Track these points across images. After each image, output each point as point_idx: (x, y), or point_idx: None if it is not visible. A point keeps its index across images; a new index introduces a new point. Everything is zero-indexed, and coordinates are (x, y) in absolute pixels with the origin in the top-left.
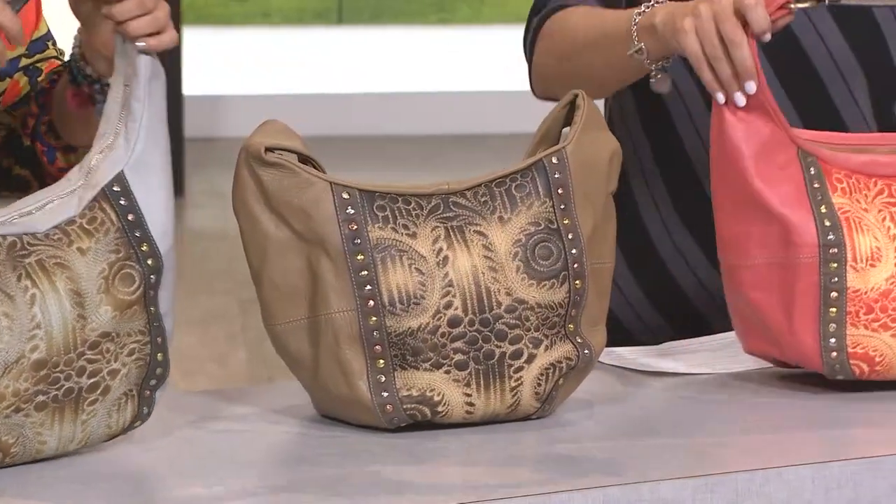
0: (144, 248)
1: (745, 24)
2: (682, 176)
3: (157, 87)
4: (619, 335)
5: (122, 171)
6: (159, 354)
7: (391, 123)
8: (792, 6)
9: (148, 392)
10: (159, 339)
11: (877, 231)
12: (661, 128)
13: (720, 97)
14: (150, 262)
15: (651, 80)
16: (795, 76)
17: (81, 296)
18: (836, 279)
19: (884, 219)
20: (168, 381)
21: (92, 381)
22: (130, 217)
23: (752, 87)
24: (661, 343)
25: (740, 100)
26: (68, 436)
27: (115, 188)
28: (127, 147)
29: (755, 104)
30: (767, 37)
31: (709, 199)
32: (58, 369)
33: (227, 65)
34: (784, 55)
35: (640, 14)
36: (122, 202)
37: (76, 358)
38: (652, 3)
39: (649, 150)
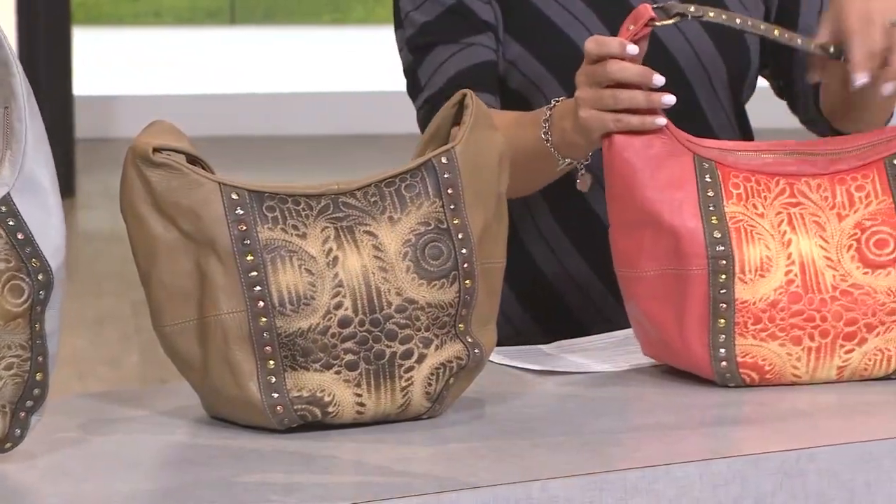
0: (35, 262)
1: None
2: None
3: (34, 105)
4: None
5: (8, 193)
6: (38, 374)
7: (284, 123)
8: (657, 23)
9: (23, 413)
10: (40, 358)
11: (769, 240)
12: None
13: (660, 122)
14: (40, 277)
15: (577, 181)
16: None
17: None
18: (725, 290)
19: (781, 222)
20: (45, 406)
21: None
22: (20, 236)
23: (670, 99)
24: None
25: (661, 121)
26: None
27: (2, 209)
28: (13, 169)
29: None
30: (634, 49)
31: (589, 208)
32: None
33: (118, 65)
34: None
35: (546, 132)
36: (10, 223)
37: None
38: (546, 116)
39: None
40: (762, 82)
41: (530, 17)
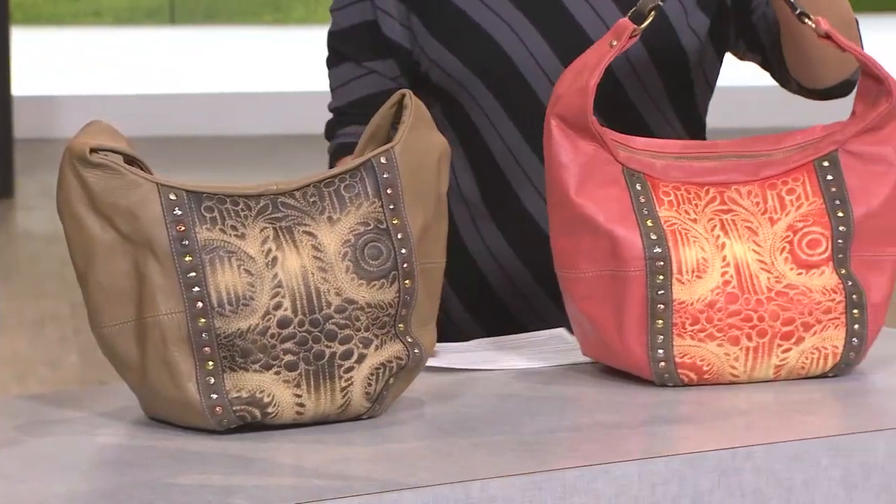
0: None
1: None
2: (497, 183)
3: None
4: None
5: None
6: None
7: (225, 124)
8: (640, 28)
9: None
10: None
11: (704, 242)
12: (482, 158)
13: None
14: None
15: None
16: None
17: None
18: (663, 292)
19: (713, 227)
20: None
21: None
22: None
23: None
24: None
25: None
26: None
27: None
28: None
29: (580, 125)
30: None
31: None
32: None
33: (58, 65)
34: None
35: None
36: None
37: None
38: None
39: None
40: (733, 82)
41: (456, 20)
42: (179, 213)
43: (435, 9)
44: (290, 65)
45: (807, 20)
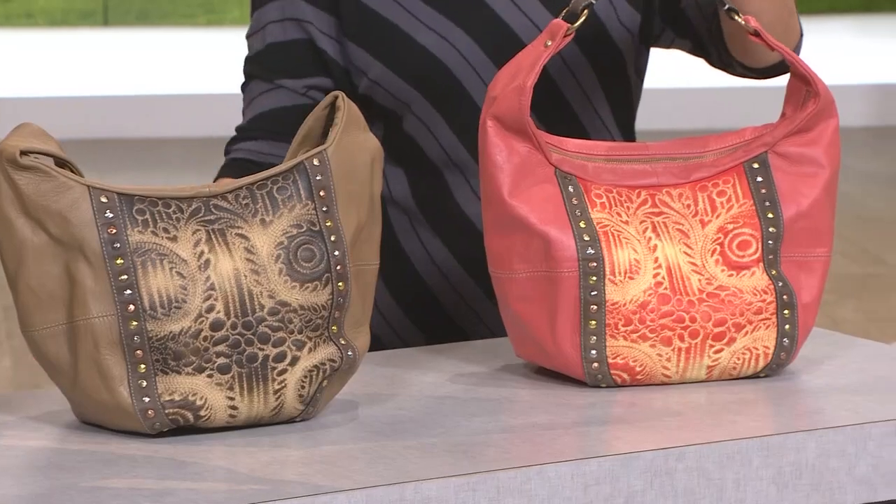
0: None
1: None
2: (434, 190)
3: None
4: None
5: None
6: None
7: (159, 126)
8: (574, 27)
9: None
10: None
11: (636, 244)
12: (414, 156)
13: None
14: None
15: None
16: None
17: None
18: (595, 292)
19: (645, 230)
20: None
21: None
22: None
23: None
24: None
25: None
26: None
27: None
28: None
29: (516, 126)
30: None
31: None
32: None
33: None
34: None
35: None
36: None
37: None
38: None
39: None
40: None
41: (391, 37)
42: (111, 215)
43: (372, 26)
44: (225, 66)
45: (736, 17)
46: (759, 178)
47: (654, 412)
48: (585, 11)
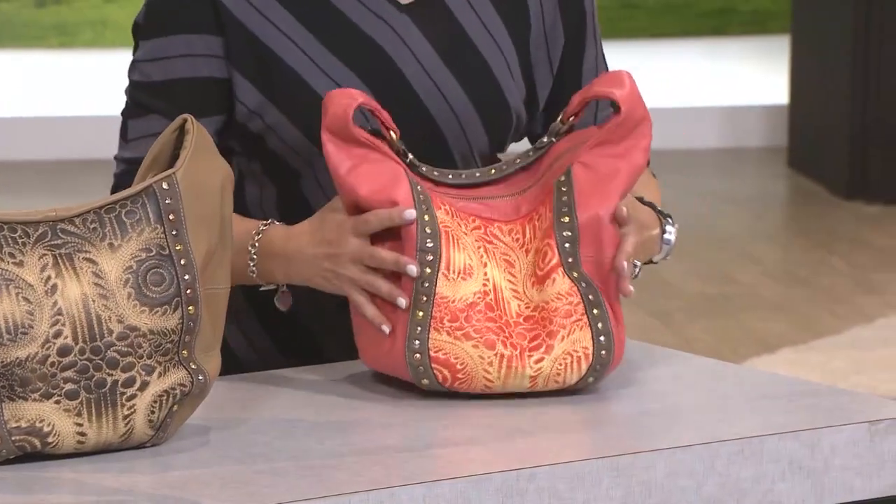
0: None
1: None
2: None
3: None
4: (231, 362)
5: None
6: None
7: (8, 149)
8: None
9: None
10: None
11: (471, 253)
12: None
13: (386, 329)
14: None
15: (276, 298)
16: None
17: None
18: (427, 284)
19: (479, 247)
20: None
21: None
22: None
23: (412, 270)
24: (271, 370)
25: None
26: None
27: None
28: None
29: (347, 135)
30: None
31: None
32: None
33: None
34: (410, 119)
35: (253, 267)
36: None
37: None
38: (252, 250)
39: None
40: None
41: (291, 85)
42: None
43: (272, 72)
44: (77, 89)
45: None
46: (564, 188)
47: (507, 432)
48: None
